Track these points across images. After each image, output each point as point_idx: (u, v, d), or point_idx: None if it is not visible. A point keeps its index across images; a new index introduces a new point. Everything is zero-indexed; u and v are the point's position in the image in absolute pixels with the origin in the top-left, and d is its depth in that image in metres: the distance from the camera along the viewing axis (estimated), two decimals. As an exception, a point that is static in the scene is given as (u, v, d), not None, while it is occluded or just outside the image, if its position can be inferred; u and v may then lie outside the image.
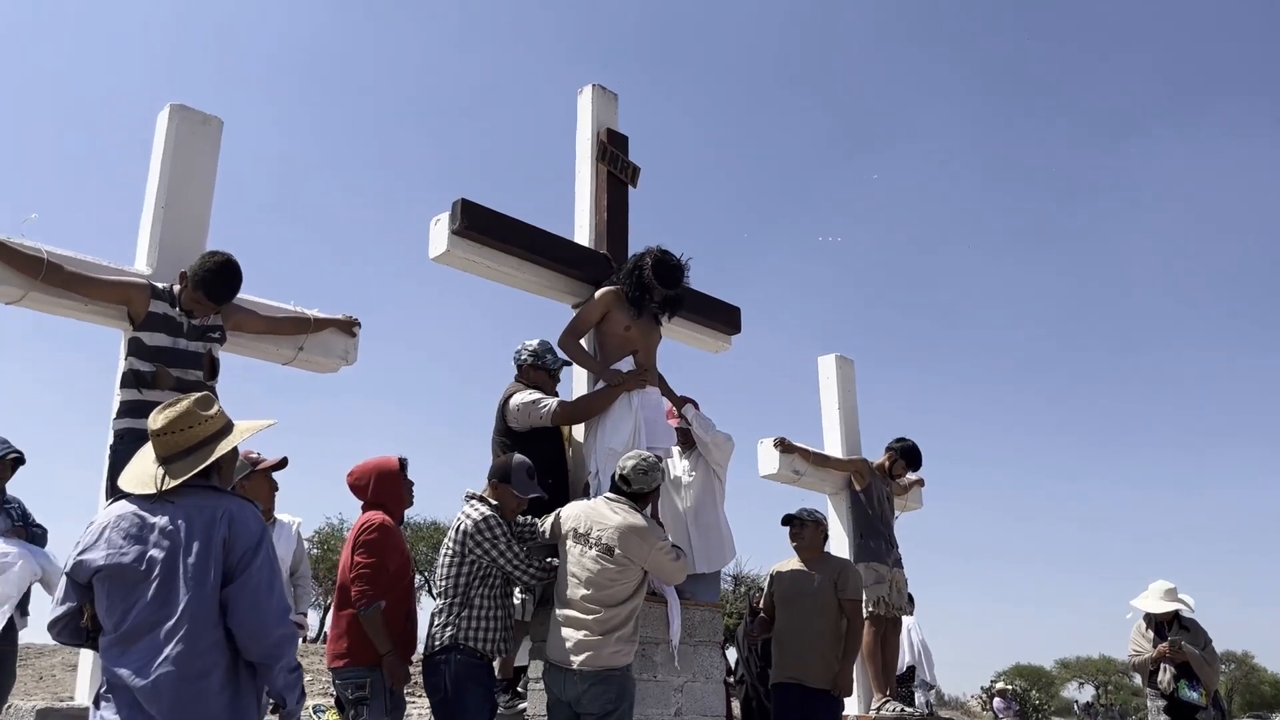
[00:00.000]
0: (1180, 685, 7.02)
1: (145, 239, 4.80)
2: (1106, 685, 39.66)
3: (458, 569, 4.47)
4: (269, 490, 4.53)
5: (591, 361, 5.45)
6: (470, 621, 4.40)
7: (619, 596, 4.40)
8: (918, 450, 7.56)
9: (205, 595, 2.72)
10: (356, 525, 4.53)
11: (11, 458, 5.37)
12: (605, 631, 4.34)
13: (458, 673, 4.34)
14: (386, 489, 4.58)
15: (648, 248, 5.54)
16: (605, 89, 6.33)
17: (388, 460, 4.66)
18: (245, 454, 4.42)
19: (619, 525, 4.46)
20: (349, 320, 5.31)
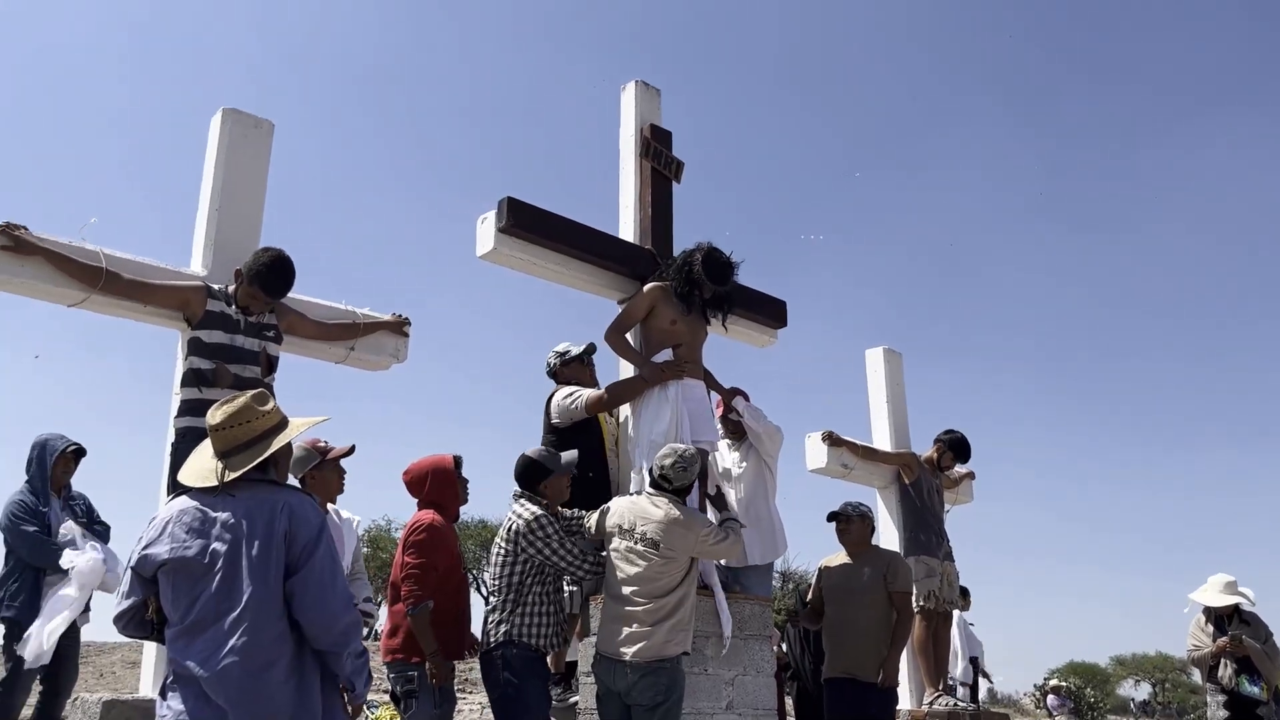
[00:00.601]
0: (1241, 680, 6.90)
1: (200, 240, 4.91)
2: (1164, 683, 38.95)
3: (510, 567, 4.54)
4: (338, 478, 4.59)
5: (635, 355, 5.46)
6: (524, 618, 4.48)
7: (666, 587, 4.43)
8: (966, 442, 7.49)
9: (268, 587, 2.78)
10: (408, 526, 4.60)
11: (71, 450, 5.48)
12: (656, 622, 4.37)
13: (515, 667, 4.41)
14: (441, 487, 4.65)
15: (698, 244, 5.55)
16: (648, 85, 6.33)
17: (442, 459, 4.73)
18: (314, 443, 4.49)
19: (661, 519, 4.49)
20: (399, 320, 5.39)
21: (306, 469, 4.46)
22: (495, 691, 4.45)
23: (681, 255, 5.55)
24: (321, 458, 4.50)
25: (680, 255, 5.57)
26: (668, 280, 5.53)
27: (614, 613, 4.47)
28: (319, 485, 4.49)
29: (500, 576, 4.55)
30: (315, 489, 4.45)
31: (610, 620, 4.47)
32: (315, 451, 4.50)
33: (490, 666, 4.47)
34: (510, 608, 4.49)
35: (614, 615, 4.47)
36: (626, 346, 5.50)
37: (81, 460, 5.62)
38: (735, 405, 5.89)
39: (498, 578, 4.57)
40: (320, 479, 4.50)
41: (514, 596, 4.50)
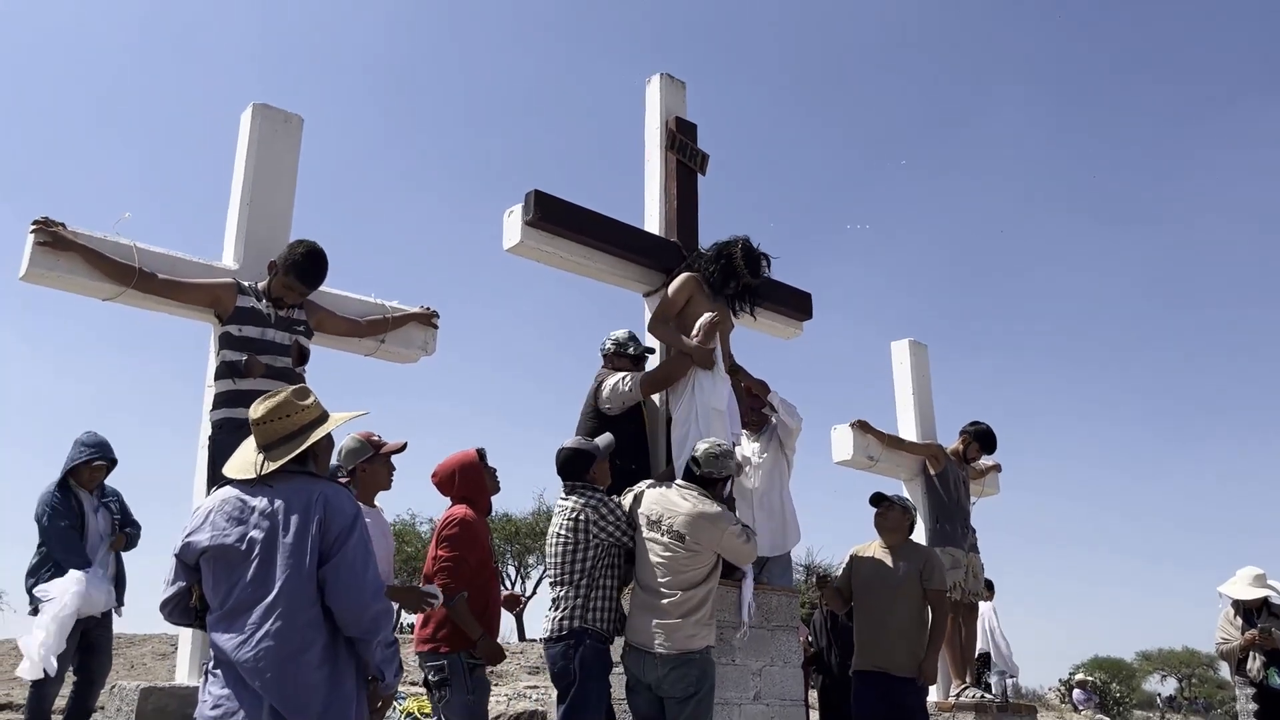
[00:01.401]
0: (1270, 673, 6.85)
1: (231, 234, 4.96)
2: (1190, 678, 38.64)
3: (581, 554, 4.57)
4: (388, 474, 4.64)
5: (680, 339, 5.43)
6: (596, 606, 4.53)
7: (693, 580, 4.46)
8: (992, 434, 7.47)
9: (302, 574, 2.84)
10: (441, 520, 4.65)
11: (96, 464, 5.57)
12: (683, 615, 4.40)
13: (588, 661, 4.45)
14: (470, 482, 4.70)
15: (734, 237, 5.59)
16: (673, 77, 6.35)
17: (467, 454, 4.77)
18: (368, 436, 4.52)
19: (689, 512, 4.51)
20: (427, 313, 5.44)
21: (358, 461, 4.50)
22: (564, 681, 4.48)
23: (716, 247, 5.57)
24: (374, 451, 4.54)
25: (714, 247, 5.58)
26: (702, 271, 5.54)
27: (643, 603, 4.50)
28: (369, 478, 4.53)
29: (566, 566, 4.57)
30: (365, 481, 4.50)
31: (639, 611, 4.51)
32: (369, 445, 4.53)
33: (561, 657, 4.49)
34: (584, 594, 4.53)
35: (643, 606, 4.50)
36: (672, 332, 5.48)
37: (114, 467, 5.71)
38: (770, 400, 5.93)
39: (563, 568, 4.59)
40: (371, 472, 4.53)
41: (586, 582, 4.54)
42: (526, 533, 25.32)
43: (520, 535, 25.55)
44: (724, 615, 4.94)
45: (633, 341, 5.60)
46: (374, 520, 4.48)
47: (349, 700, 2.92)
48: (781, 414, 5.91)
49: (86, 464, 5.53)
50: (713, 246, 5.60)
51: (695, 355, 5.34)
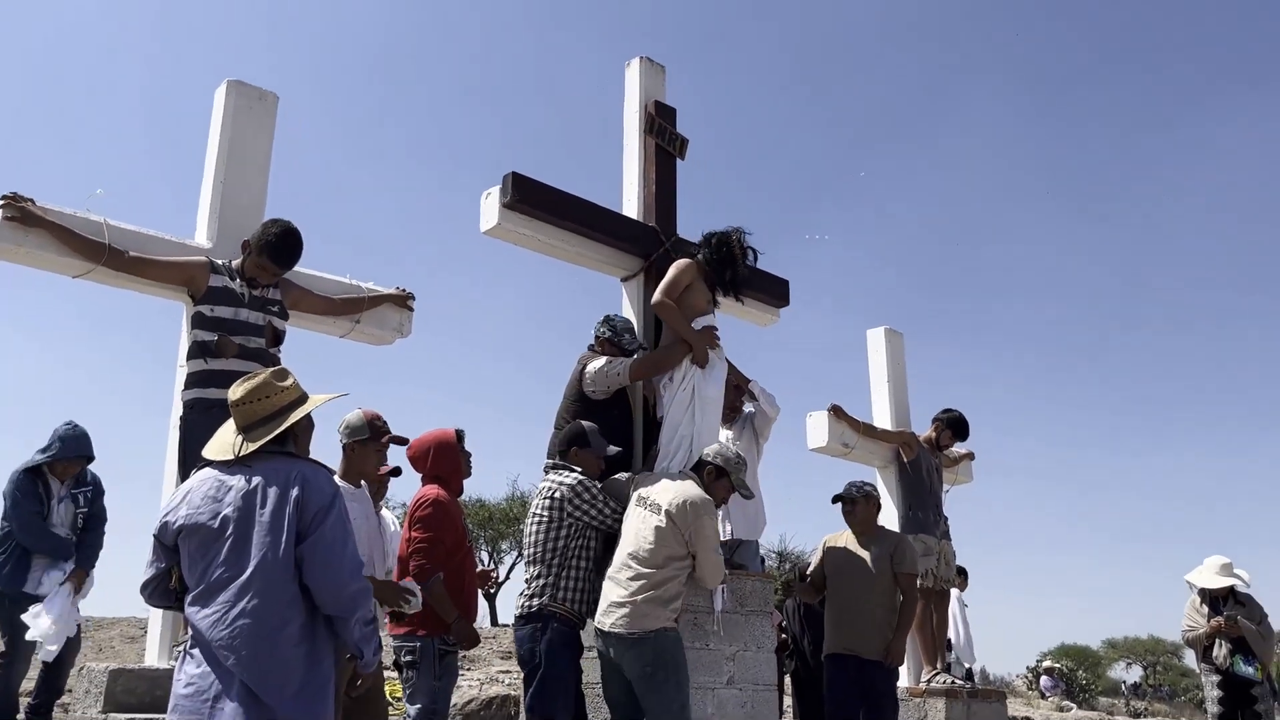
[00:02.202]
0: (1235, 660, 6.97)
1: (204, 212, 4.91)
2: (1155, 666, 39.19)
3: (555, 534, 4.57)
4: (377, 460, 4.55)
5: (686, 325, 5.33)
6: (567, 585, 4.53)
7: (659, 559, 4.41)
8: (964, 421, 7.52)
9: (279, 552, 2.82)
10: (413, 501, 4.61)
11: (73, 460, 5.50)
12: (641, 592, 4.37)
13: (553, 642, 4.46)
14: (445, 461, 4.66)
15: (729, 227, 5.55)
16: (653, 61, 6.31)
17: (445, 433, 4.73)
18: (374, 418, 4.39)
19: (677, 490, 4.53)
20: (403, 295, 5.40)
21: (353, 439, 4.39)
22: (530, 664, 4.47)
23: (718, 235, 5.52)
24: (372, 434, 4.46)
25: (715, 236, 5.52)
26: (701, 258, 5.49)
27: (608, 582, 4.52)
28: (358, 458, 4.42)
29: (540, 544, 4.58)
30: (353, 460, 4.40)
31: (606, 591, 4.51)
32: (370, 426, 4.43)
33: (529, 639, 4.49)
34: (554, 574, 4.53)
35: (607, 585, 4.51)
36: (679, 315, 5.36)
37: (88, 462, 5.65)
38: (751, 388, 5.94)
39: (537, 545, 4.59)
40: (360, 453, 4.41)
41: (558, 562, 4.55)
42: (500, 518, 25.28)
43: (494, 521, 25.50)
44: (698, 600, 4.95)
45: (628, 333, 5.55)
46: (359, 502, 4.44)
47: (326, 680, 2.90)
48: (762, 403, 5.93)
49: (61, 462, 5.48)
50: (712, 235, 5.55)
51: (696, 349, 5.29)
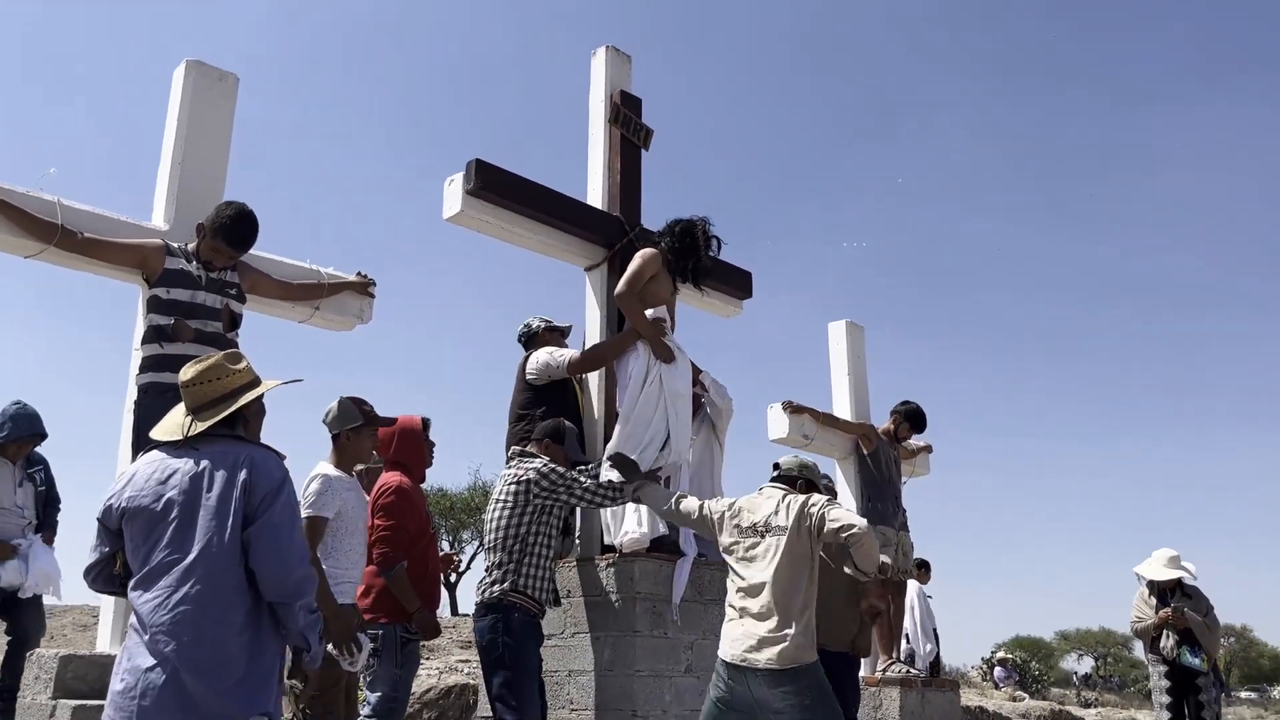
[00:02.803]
0: (1182, 651, 7.09)
1: (162, 194, 4.82)
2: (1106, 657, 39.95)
3: (518, 519, 4.51)
4: (371, 446, 4.54)
5: (647, 324, 5.31)
6: (528, 572, 4.48)
7: (799, 582, 4.12)
8: (922, 413, 7.59)
9: (224, 536, 2.76)
10: (376, 487, 4.58)
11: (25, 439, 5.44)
12: (789, 625, 4.03)
13: (514, 630, 4.42)
14: (409, 448, 4.64)
15: (693, 217, 5.52)
16: (619, 50, 6.30)
17: (412, 419, 4.71)
18: (361, 404, 4.40)
19: (785, 502, 4.21)
20: (364, 281, 5.33)
21: (346, 427, 4.38)
22: (491, 654, 4.43)
23: (682, 225, 5.49)
24: (365, 421, 4.43)
25: (679, 225, 5.50)
26: (665, 248, 5.48)
27: (742, 619, 4.09)
28: (353, 446, 4.42)
29: (503, 529, 4.51)
30: (348, 448, 4.40)
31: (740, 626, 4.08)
32: (361, 413, 4.42)
33: (491, 629, 4.44)
34: (515, 561, 4.48)
35: (743, 621, 4.08)
36: (641, 312, 5.34)
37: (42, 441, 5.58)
38: (701, 379, 5.93)
39: (499, 530, 4.53)
40: (355, 441, 4.42)
41: (520, 548, 4.49)
42: (461, 508, 25.23)
43: (455, 510, 25.45)
44: (659, 589, 4.98)
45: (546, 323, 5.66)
46: (356, 492, 4.42)
47: (270, 670, 2.83)
48: (711, 394, 5.92)
49: (14, 442, 5.39)
50: (676, 224, 5.52)
51: (654, 346, 5.27)
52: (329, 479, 4.30)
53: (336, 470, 4.37)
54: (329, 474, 4.33)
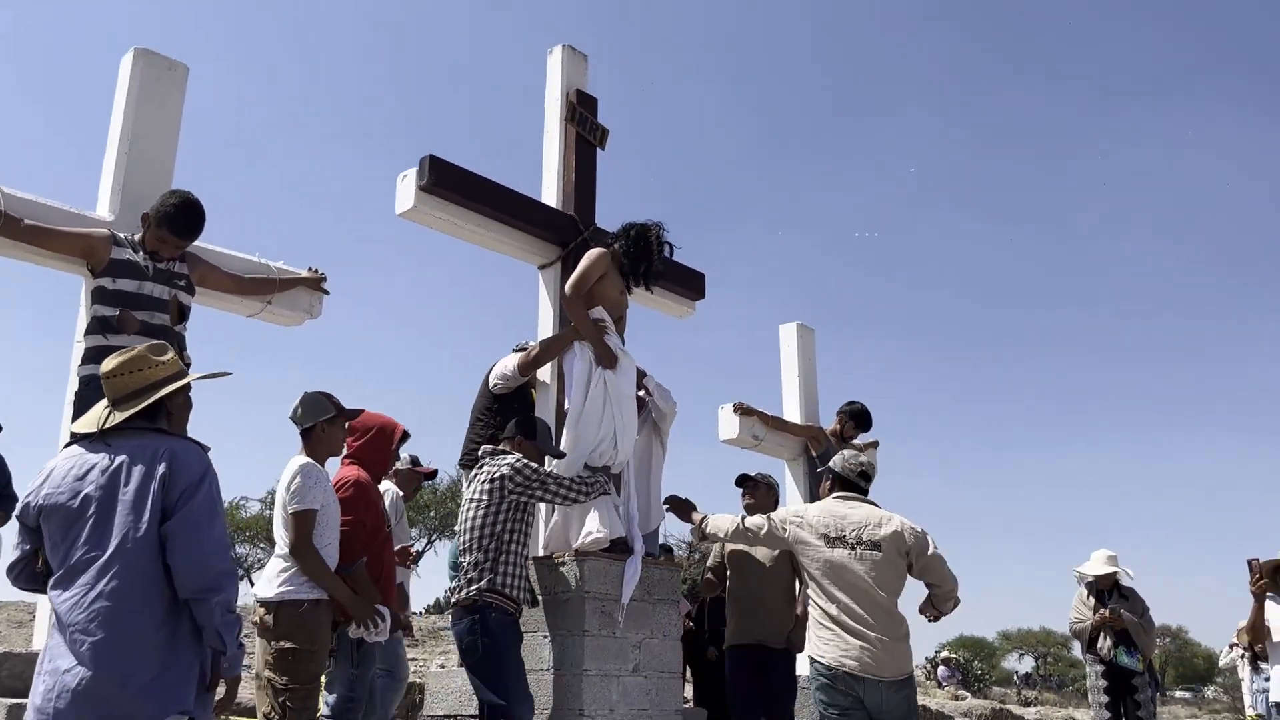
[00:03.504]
0: (1118, 652, 7.24)
1: (108, 184, 4.74)
2: (1046, 656, 40.67)
3: (494, 517, 4.50)
4: (343, 439, 4.49)
5: (593, 330, 5.31)
6: (505, 570, 4.47)
7: (896, 598, 4.20)
8: (867, 412, 7.66)
9: (140, 531, 2.71)
10: (333, 482, 4.54)
11: None
12: (901, 638, 4.15)
13: (492, 630, 4.40)
14: (378, 449, 4.63)
15: (648, 221, 5.56)
16: (575, 50, 6.30)
17: (394, 423, 4.69)
18: (330, 396, 4.37)
19: (888, 522, 4.27)
20: (316, 277, 5.28)
21: (319, 419, 4.33)
22: (472, 655, 4.41)
23: (635, 228, 5.52)
24: (337, 412, 4.39)
25: (633, 228, 5.52)
26: (617, 248, 5.50)
27: (848, 625, 4.13)
28: (328, 438, 4.37)
29: (478, 528, 4.49)
30: (323, 441, 4.35)
31: (847, 633, 4.12)
32: (332, 405, 4.38)
33: (468, 631, 4.42)
34: (491, 560, 4.45)
35: (857, 632, 4.11)
36: (586, 315, 5.33)
37: None
38: (645, 383, 5.96)
39: (475, 529, 4.50)
40: (329, 433, 4.37)
41: (495, 546, 4.47)
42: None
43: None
44: (607, 588, 4.99)
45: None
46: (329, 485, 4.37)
47: (188, 670, 2.76)
48: (656, 398, 5.94)
49: None
50: (630, 226, 5.55)
51: (596, 349, 5.28)
52: (314, 471, 4.26)
53: (312, 460, 4.32)
54: (313, 466, 4.29)
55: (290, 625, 4.07)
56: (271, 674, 4.06)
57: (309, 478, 4.20)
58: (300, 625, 4.07)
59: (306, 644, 4.07)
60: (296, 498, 4.14)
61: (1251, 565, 5.74)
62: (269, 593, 4.14)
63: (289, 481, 4.20)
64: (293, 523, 4.12)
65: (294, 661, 4.04)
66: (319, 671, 4.22)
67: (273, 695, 4.03)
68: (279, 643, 4.06)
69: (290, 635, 4.05)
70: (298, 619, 4.07)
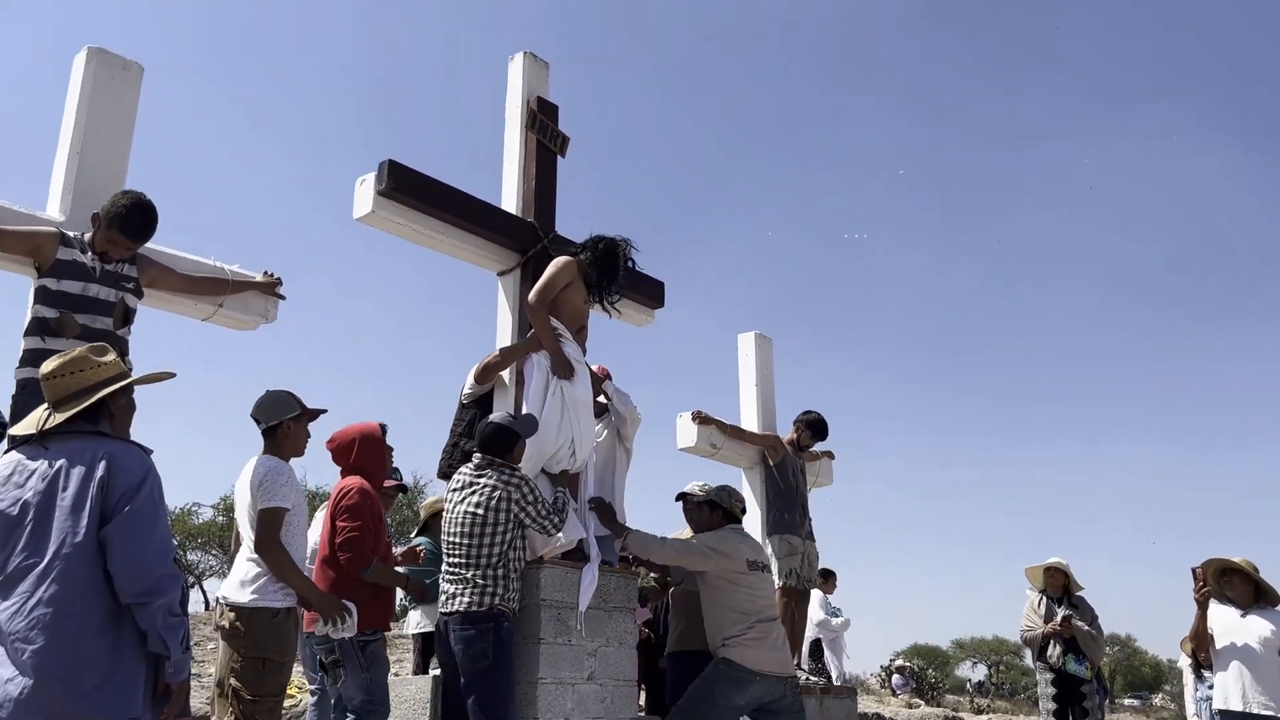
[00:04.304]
0: (1068, 659, 7.36)
1: (59, 184, 4.65)
2: (999, 664, 41.06)
3: (498, 535, 4.57)
4: (307, 437, 4.44)
5: (551, 339, 5.33)
6: (510, 587, 4.56)
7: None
8: (823, 422, 7.72)
9: (78, 536, 2.67)
10: (337, 491, 4.54)
11: None
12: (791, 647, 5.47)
13: (504, 641, 4.49)
14: (370, 455, 4.63)
15: (618, 237, 5.65)
16: (537, 57, 6.31)
17: (370, 426, 4.68)
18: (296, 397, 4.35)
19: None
20: (271, 281, 5.21)
21: (284, 417, 4.27)
22: (481, 663, 4.44)
23: (604, 240, 5.60)
24: (302, 410, 4.34)
25: (600, 240, 5.60)
26: (584, 258, 5.55)
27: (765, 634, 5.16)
28: (293, 436, 4.32)
29: (475, 547, 4.56)
30: (288, 439, 4.30)
31: (765, 641, 5.14)
32: (296, 403, 4.32)
33: (479, 637, 4.45)
34: (497, 576, 4.52)
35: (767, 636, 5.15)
36: (547, 325, 5.35)
37: None
38: (605, 388, 5.97)
39: (472, 548, 4.56)
40: (295, 432, 4.32)
41: (501, 560, 4.55)
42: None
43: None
44: (564, 596, 4.98)
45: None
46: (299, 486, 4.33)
47: (132, 677, 2.72)
48: (615, 402, 5.97)
49: None
50: (600, 241, 5.61)
51: (554, 359, 5.31)
52: (283, 468, 4.22)
53: (279, 459, 4.28)
54: (281, 464, 4.24)
55: (263, 634, 4.01)
56: (239, 683, 3.98)
57: (280, 475, 4.15)
58: (273, 635, 4.03)
59: (278, 655, 4.04)
60: (266, 494, 4.08)
61: (1196, 573, 5.87)
62: (241, 598, 4.07)
63: (257, 479, 4.14)
64: (260, 519, 4.07)
65: (265, 672, 3.99)
66: (286, 682, 4.19)
67: (238, 705, 3.96)
68: (250, 651, 3.99)
69: (262, 645, 4.00)
70: (271, 628, 4.03)
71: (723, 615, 5.16)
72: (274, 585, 4.07)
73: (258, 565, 4.10)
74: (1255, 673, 5.60)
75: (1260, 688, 5.57)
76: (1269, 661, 5.60)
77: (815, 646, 10.46)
